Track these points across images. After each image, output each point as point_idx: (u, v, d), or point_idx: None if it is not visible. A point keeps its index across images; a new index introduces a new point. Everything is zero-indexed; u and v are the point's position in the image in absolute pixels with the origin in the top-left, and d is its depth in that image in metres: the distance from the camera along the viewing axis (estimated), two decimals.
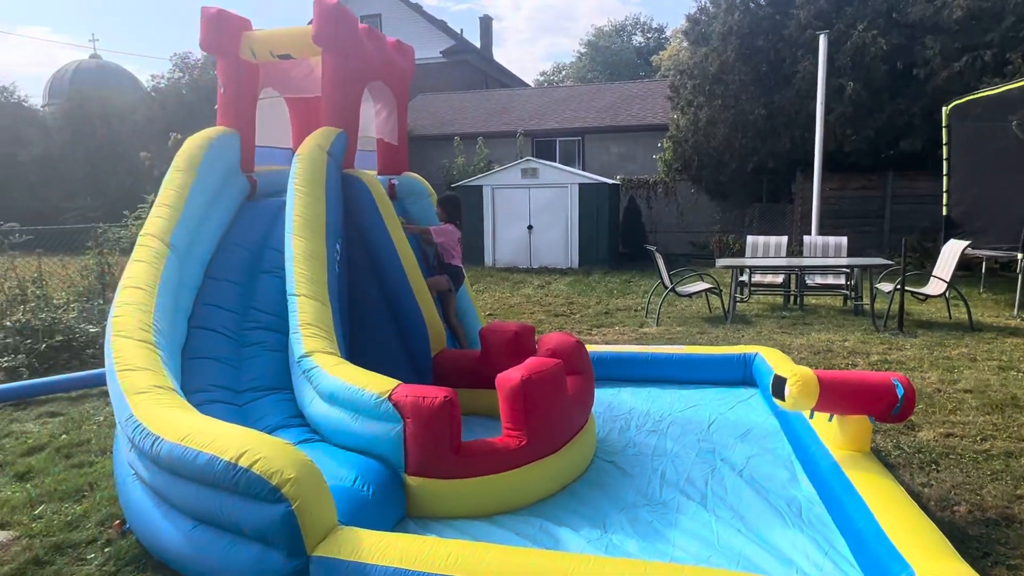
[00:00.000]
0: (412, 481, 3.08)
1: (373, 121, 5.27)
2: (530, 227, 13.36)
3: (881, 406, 2.93)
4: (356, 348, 4.66)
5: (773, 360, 4.75)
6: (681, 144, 13.80)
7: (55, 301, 6.93)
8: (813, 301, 8.72)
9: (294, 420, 3.50)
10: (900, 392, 2.91)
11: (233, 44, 4.53)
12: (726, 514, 3.02)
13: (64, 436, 4.35)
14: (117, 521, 3.08)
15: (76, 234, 8.14)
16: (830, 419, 3.12)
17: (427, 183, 5.46)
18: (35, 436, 4.37)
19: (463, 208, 5.28)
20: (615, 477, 3.47)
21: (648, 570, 2.09)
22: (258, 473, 2.28)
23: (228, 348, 3.84)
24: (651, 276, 11.40)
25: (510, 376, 3.20)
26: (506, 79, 29.17)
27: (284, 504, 2.26)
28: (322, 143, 4.25)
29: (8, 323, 6.17)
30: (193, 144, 4.34)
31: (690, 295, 7.96)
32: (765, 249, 8.85)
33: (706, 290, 7.95)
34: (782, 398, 2.93)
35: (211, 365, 3.67)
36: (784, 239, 8.82)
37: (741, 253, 11.63)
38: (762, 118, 12.57)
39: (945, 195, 9.84)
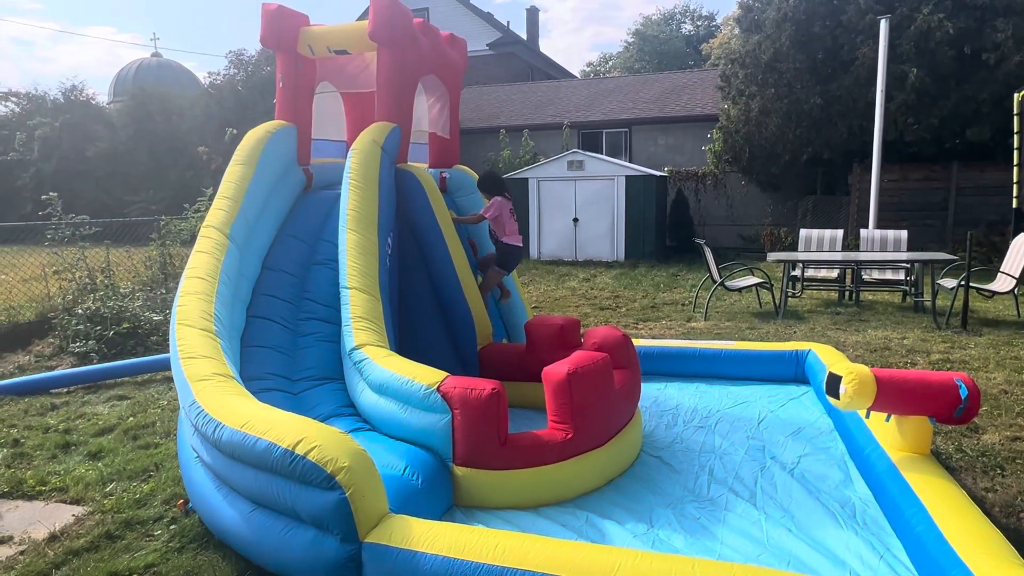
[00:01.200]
0: (459, 471, 3.14)
1: (426, 115, 5.33)
2: (576, 220, 13.30)
3: (943, 407, 2.83)
4: (405, 340, 4.76)
5: (827, 357, 4.62)
6: (732, 135, 13.48)
7: (121, 290, 7.28)
8: (870, 297, 8.42)
9: (346, 409, 3.59)
10: (964, 393, 2.80)
11: (291, 39, 4.65)
12: (776, 513, 2.97)
13: (131, 419, 4.58)
14: (181, 500, 3.23)
15: (140, 226, 8.52)
16: (888, 419, 3.03)
17: (477, 176, 5.49)
18: (105, 418, 4.62)
19: (506, 185, 5.08)
20: (662, 472, 3.46)
21: (697, 567, 2.08)
22: (314, 461, 2.36)
23: (284, 337, 3.97)
24: (698, 270, 11.21)
25: (557, 369, 3.22)
26: (552, 71, 29.02)
27: (338, 491, 2.34)
28: (376, 138, 4.33)
29: (80, 310, 6.51)
30: (252, 138, 4.49)
31: (739, 290, 7.80)
32: (819, 243, 8.59)
33: (756, 285, 7.77)
34: (837, 396, 2.86)
35: (268, 354, 3.80)
36: (839, 232, 8.54)
37: (793, 247, 11.32)
38: (818, 107, 12.17)
39: (1016, 186, 9.33)
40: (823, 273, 8.19)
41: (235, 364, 3.35)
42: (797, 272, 8.21)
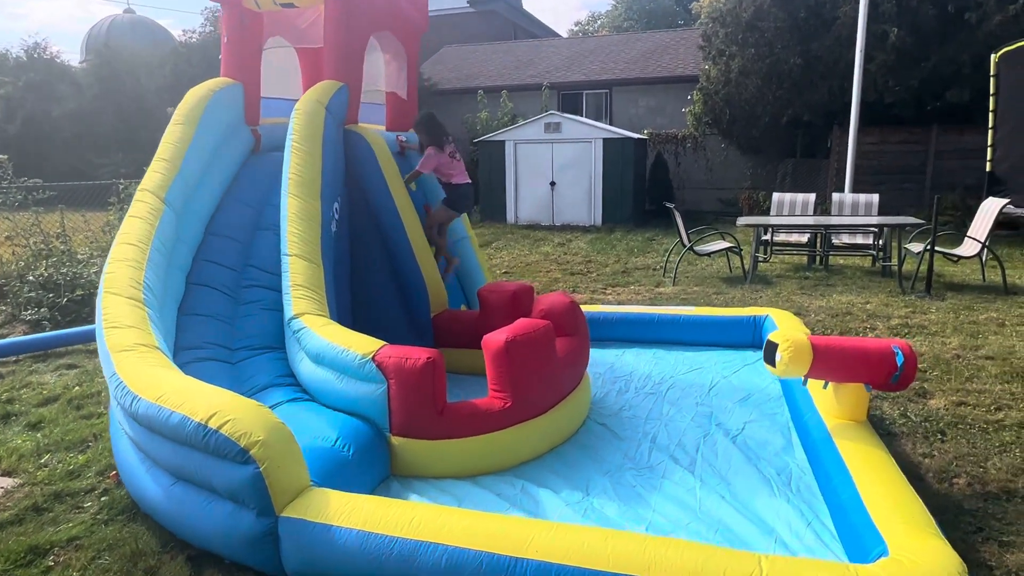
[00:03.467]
0: (396, 441, 3.09)
1: (382, 73, 5.14)
2: (553, 183, 13.13)
3: (878, 374, 2.80)
4: (359, 308, 4.68)
5: (783, 322, 4.60)
6: (711, 96, 13.26)
7: (79, 256, 7.10)
8: (842, 261, 8.41)
9: (285, 379, 3.52)
10: (900, 360, 2.77)
11: None
12: (713, 480, 2.96)
13: (77, 388, 4.49)
14: (113, 472, 3.17)
15: (98, 190, 8.28)
16: (825, 386, 3.00)
17: None
18: (50, 387, 4.53)
19: (444, 130, 4.71)
20: (605, 440, 3.43)
21: (609, 539, 2.05)
22: (227, 435, 2.30)
23: (225, 305, 3.87)
24: (674, 235, 11.12)
25: (495, 337, 3.15)
26: (536, 29, 28.34)
27: (252, 465, 2.28)
28: (321, 98, 4.17)
29: (32, 277, 6.35)
30: (193, 97, 4.30)
31: (709, 254, 7.74)
32: (792, 207, 8.52)
33: (726, 249, 7.72)
34: (773, 364, 2.82)
35: (207, 322, 3.71)
36: (812, 197, 8.47)
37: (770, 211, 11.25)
38: (798, 68, 11.96)
39: (990, 149, 9.30)
40: (794, 238, 8.15)
41: (164, 334, 3.25)
42: (768, 237, 8.16)
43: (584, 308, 5.28)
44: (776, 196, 8.69)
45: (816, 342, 2.80)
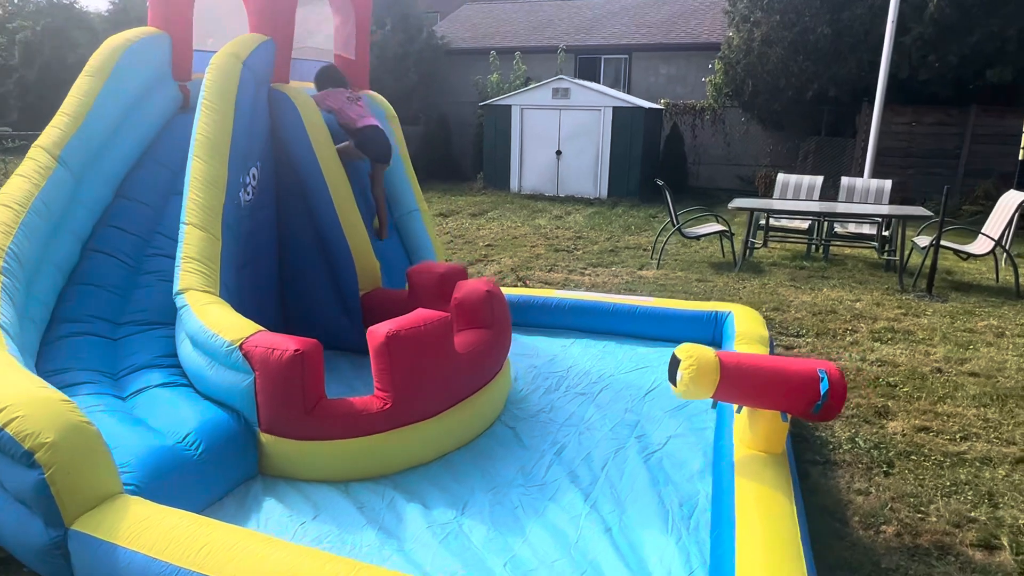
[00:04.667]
0: (264, 438, 2.82)
1: (325, 29, 4.74)
2: (559, 152, 12.59)
3: (797, 401, 2.40)
4: (288, 285, 4.39)
5: (746, 321, 4.18)
6: (732, 66, 12.47)
7: None
8: (846, 251, 7.82)
9: (167, 360, 3.25)
10: (824, 387, 2.36)
11: None
12: (606, 507, 2.62)
13: None
14: None
15: None
16: (737, 410, 2.61)
17: (389, 105, 4.94)
18: None
19: (343, 81, 4.46)
20: (507, 448, 3.11)
21: None
22: (11, 434, 2.03)
23: (120, 276, 3.60)
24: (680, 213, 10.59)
25: (378, 330, 2.82)
26: None
27: (37, 471, 2.01)
28: (239, 52, 3.80)
29: None
30: (107, 47, 3.96)
31: (698, 237, 7.25)
32: (797, 190, 7.92)
33: (718, 233, 7.21)
34: (674, 383, 2.43)
35: (96, 293, 3.44)
36: (819, 180, 7.85)
37: None
38: (825, 38, 11.11)
39: None
40: (795, 223, 7.58)
41: (32, 305, 2.99)
42: (772, 222, 7.60)
43: (540, 293, 4.93)
44: (780, 177, 8.09)
45: (726, 360, 2.40)
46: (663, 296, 5.86)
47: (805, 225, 7.48)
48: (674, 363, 2.43)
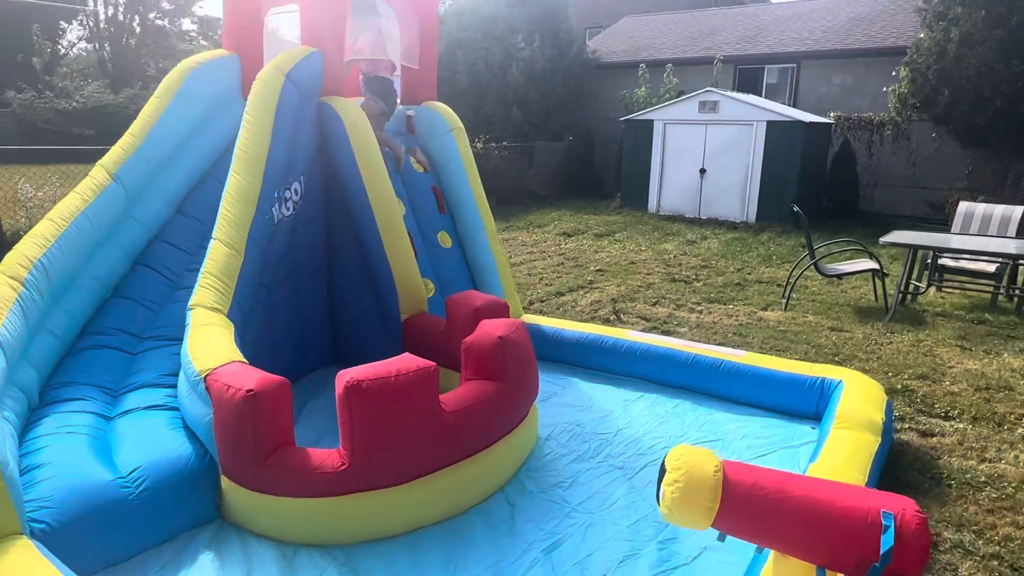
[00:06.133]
0: (223, 481, 2.56)
1: (392, 40, 4.54)
2: (703, 170, 11.54)
3: (842, 555, 1.60)
4: (335, 304, 4.22)
5: (856, 395, 3.24)
6: (922, 72, 10.56)
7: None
8: None
9: (172, 379, 3.15)
10: (888, 541, 1.55)
11: None
12: None
13: None
14: None
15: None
16: (758, 551, 1.84)
17: (454, 115, 4.61)
18: None
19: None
20: (492, 531, 2.57)
21: None
22: None
23: (160, 291, 3.62)
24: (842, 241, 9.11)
25: (342, 376, 2.45)
26: None
27: None
28: (282, 65, 3.67)
29: None
30: (179, 69, 4.07)
31: (839, 276, 6.03)
32: (985, 222, 6.33)
33: (866, 271, 5.94)
34: (658, 500, 1.75)
35: (130, 307, 3.47)
36: (1018, 211, 6.20)
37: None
38: None
39: None
40: (979, 265, 6.02)
41: (27, 315, 2.95)
42: (944, 261, 6.14)
43: (610, 332, 4.29)
44: (963, 207, 6.53)
45: (735, 478, 1.67)
46: (774, 346, 4.88)
47: (992, 268, 5.91)
48: (661, 473, 1.76)
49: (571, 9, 22.44)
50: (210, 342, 2.77)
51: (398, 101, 4.56)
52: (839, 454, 2.72)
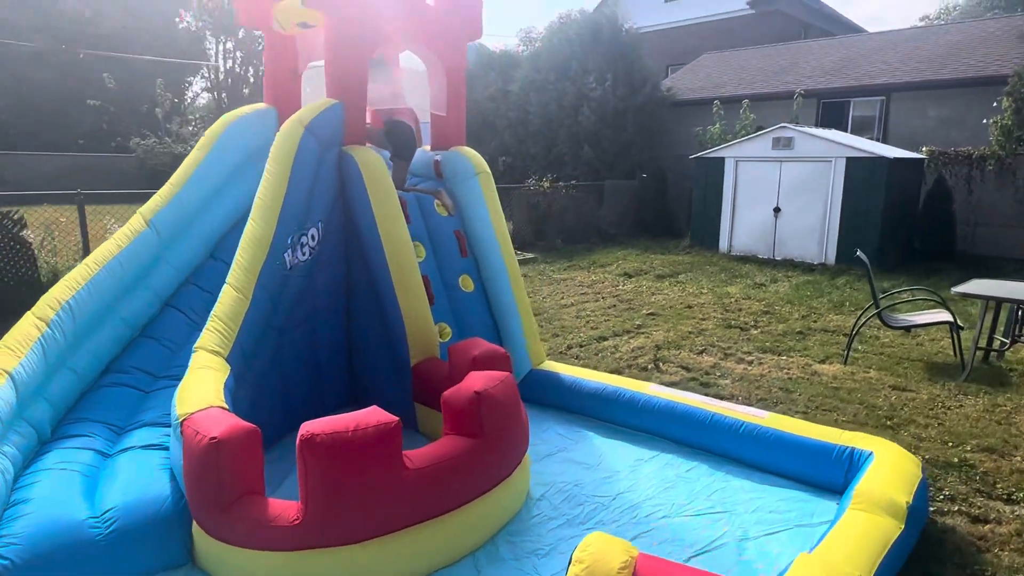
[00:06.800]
0: (194, 527, 2.60)
1: (421, 89, 4.65)
2: (777, 209, 10.98)
3: None
4: (354, 348, 4.28)
5: (884, 470, 2.89)
6: None
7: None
8: None
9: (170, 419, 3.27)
10: None
11: (264, 16, 4.37)
12: None
13: None
14: None
15: None
16: None
17: (480, 159, 4.63)
18: None
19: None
20: None
21: None
22: None
23: (182, 331, 3.81)
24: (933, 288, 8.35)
25: (303, 428, 2.44)
26: (836, 28, 24.45)
27: None
28: (303, 117, 3.84)
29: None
30: (220, 121, 4.35)
31: (909, 328, 5.47)
32: None
33: (940, 323, 5.36)
34: None
35: (152, 347, 3.67)
36: None
37: None
38: None
39: None
40: None
41: (47, 354, 3.14)
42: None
43: (632, 386, 4.10)
44: None
45: (650, 571, 1.49)
46: (821, 404, 4.47)
47: None
48: (569, 562, 1.60)
49: (653, 47, 22.41)
50: (198, 386, 2.86)
51: (423, 146, 4.66)
52: (846, 542, 2.40)
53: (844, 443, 3.20)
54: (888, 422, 4.18)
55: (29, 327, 3.16)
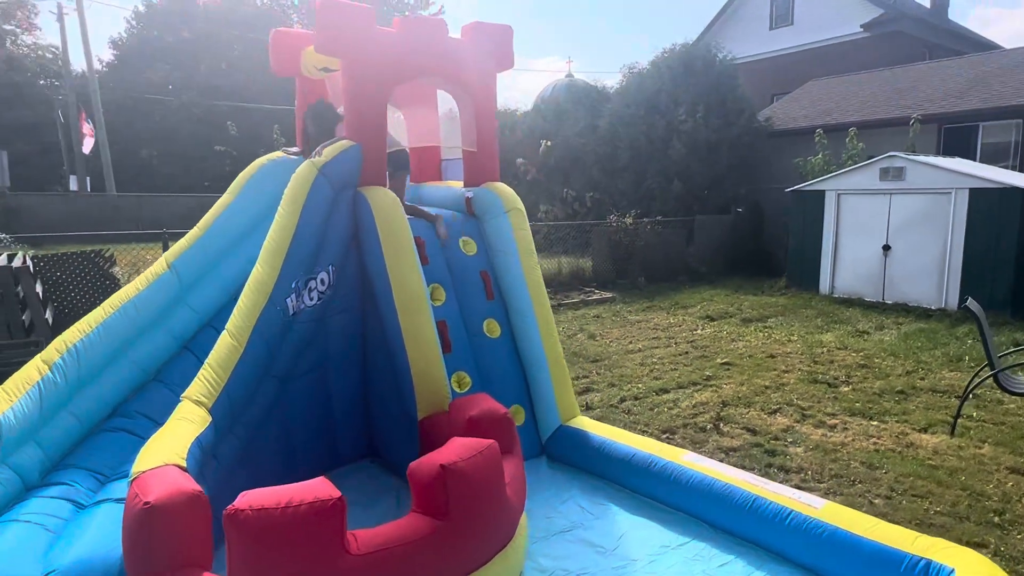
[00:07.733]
0: None
1: (450, 126, 4.46)
2: (887, 247, 9.82)
3: None
4: (371, 398, 4.08)
5: None
6: None
7: None
8: None
9: None
10: None
11: (293, 63, 4.38)
12: None
13: None
14: None
15: None
16: None
17: (513, 196, 4.34)
18: None
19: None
20: None
21: None
22: None
23: (192, 375, 3.73)
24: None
25: (238, 498, 2.19)
26: (968, 47, 22.26)
27: None
28: (317, 160, 3.74)
29: None
30: (249, 167, 4.36)
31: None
32: None
33: None
34: None
35: (158, 391, 3.64)
36: None
37: None
38: None
39: None
40: None
41: (44, 398, 3.13)
42: None
43: (664, 453, 3.58)
44: None
45: None
46: (910, 488, 3.68)
47: None
48: None
49: (758, 77, 21.38)
50: (164, 440, 2.72)
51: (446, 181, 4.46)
52: None
53: (918, 552, 2.52)
54: (997, 518, 3.35)
55: (31, 371, 3.19)
